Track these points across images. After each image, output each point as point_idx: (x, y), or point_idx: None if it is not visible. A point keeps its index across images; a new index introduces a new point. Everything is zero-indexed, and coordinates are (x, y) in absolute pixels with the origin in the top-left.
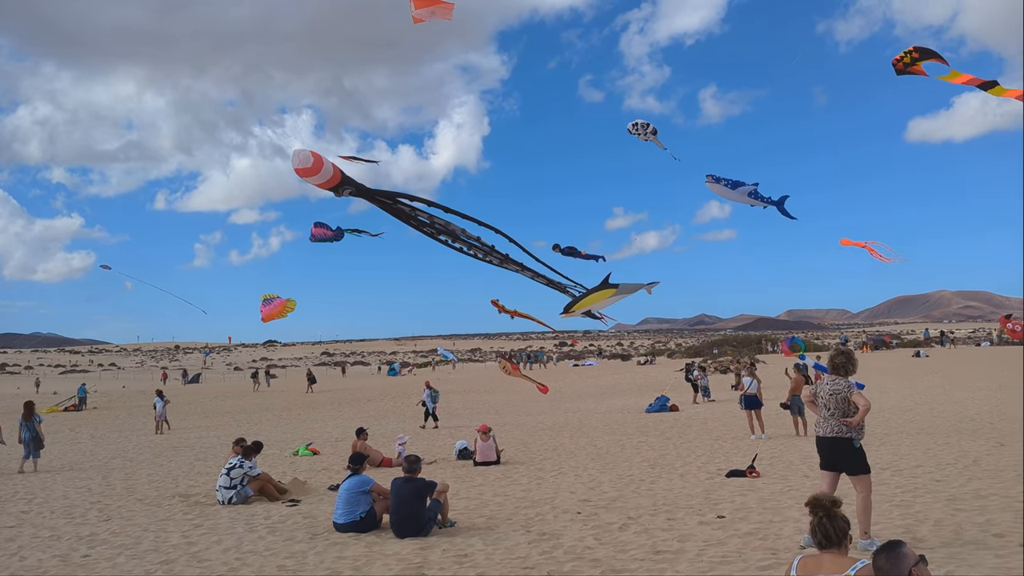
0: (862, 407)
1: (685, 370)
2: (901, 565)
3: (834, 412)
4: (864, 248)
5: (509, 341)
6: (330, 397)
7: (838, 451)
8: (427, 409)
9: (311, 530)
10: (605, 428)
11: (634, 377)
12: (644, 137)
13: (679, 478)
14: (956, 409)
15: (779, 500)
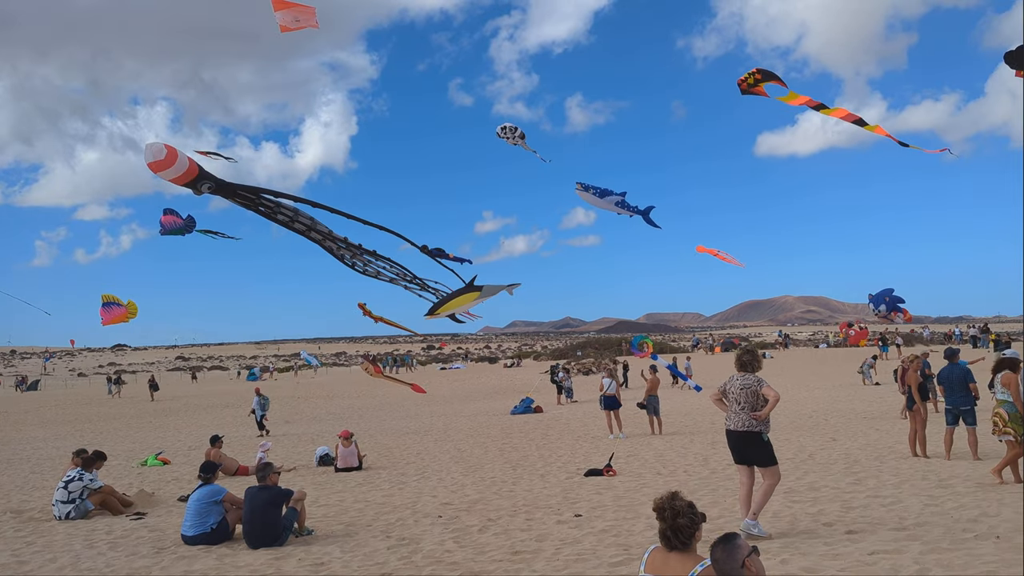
0: (772, 399)
1: (550, 372)
2: (736, 556)
3: (744, 406)
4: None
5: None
6: (184, 404)
7: (748, 444)
8: (256, 417)
9: (157, 544)
10: (470, 431)
11: (500, 379)
12: (513, 141)
13: (540, 479)
14: (795, 407)
15: (633, 497)
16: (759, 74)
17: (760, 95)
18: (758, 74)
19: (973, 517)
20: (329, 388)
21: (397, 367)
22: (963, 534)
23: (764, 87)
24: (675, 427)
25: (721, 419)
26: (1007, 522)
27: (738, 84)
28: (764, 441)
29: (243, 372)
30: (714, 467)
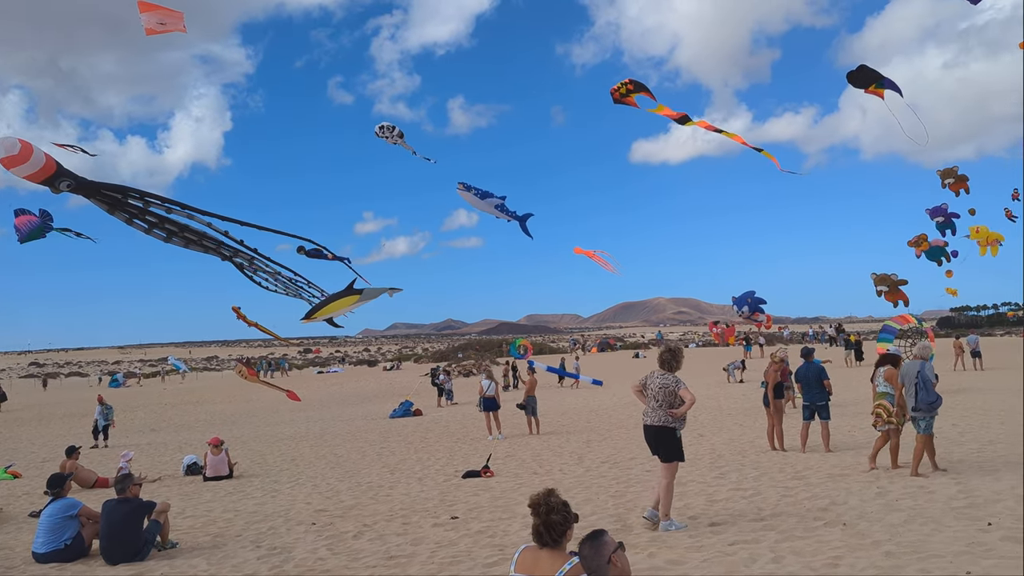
0: (688, 401)
1: (431, 374)
2: (602, 552)
3: (661, 403)
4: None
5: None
6: (37, 413)
7: (661, 439)
8: (96, 426)
9: (5, 563)
10: (348, 436)
11: (380, 383)
12: (392, 140)
13: (417, 482)
14: None
15: (510, 498)
16: (631, 84)
17: (631, 105)
18: (630, 84)
19: (823, 506)
20: (199, 394)
21: (272, 371)
22: (814, 522)
23: (635, 98)
24: (552, 427)
25: (596, 418)
26: (853, 510)
27: (611, 93)
28: (676, 438)
29: (105, 378)
30: (588, 465)
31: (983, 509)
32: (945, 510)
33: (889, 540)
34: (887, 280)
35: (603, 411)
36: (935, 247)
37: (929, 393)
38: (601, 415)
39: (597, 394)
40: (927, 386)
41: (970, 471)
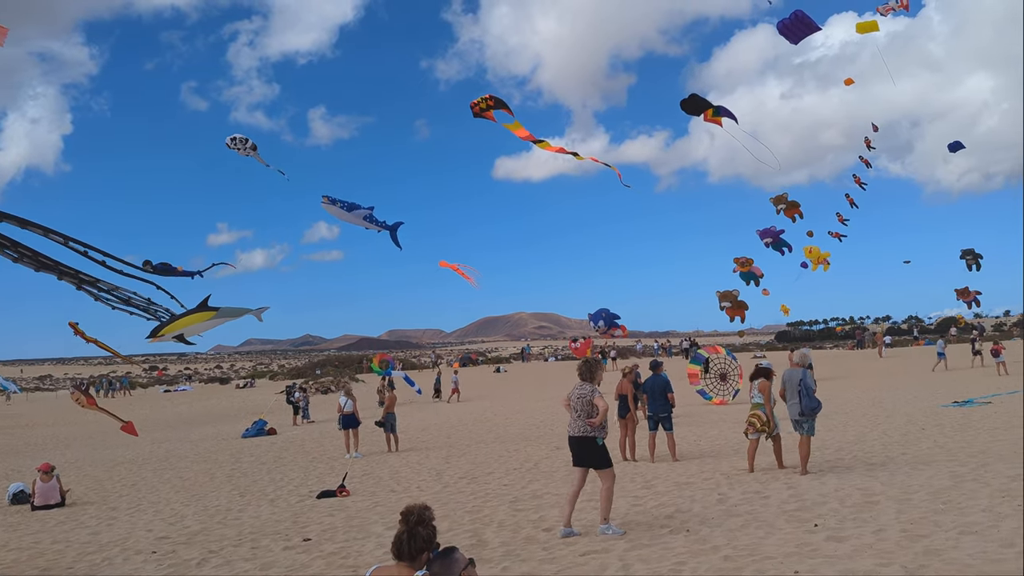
0: (601, 409)
1: (286, 392)
2: (453, 569)
3: (580, 414)
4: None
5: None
6: None
7: (585, 449)
8: None
9: None
10: (196, 457)
11: (232, 401)
12: (244, 152)
13: (269, 504)
14: (525, 418)
15: (366, 517)
16: (491, 100)
17: (489, 120)
18: (490, 100)
19: (669, 514)
20: (30, 416)
21: (113, 390)
22: (660, 530)
23: (493, 113)
24: (412, 443)
25: (456, 433)
26: (696, 516)
27: (471, 107)
28: (599, 445)
29: None
30: (447, 481)
31: (811, 511)
32: (778, 513)
33: (727, 544)
34: (729, 296)
35: (463, 426)
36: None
37: (811, 399)
38: (461, 430)
39: (457, 409)
40: (809, 392)
41: (802, 476)
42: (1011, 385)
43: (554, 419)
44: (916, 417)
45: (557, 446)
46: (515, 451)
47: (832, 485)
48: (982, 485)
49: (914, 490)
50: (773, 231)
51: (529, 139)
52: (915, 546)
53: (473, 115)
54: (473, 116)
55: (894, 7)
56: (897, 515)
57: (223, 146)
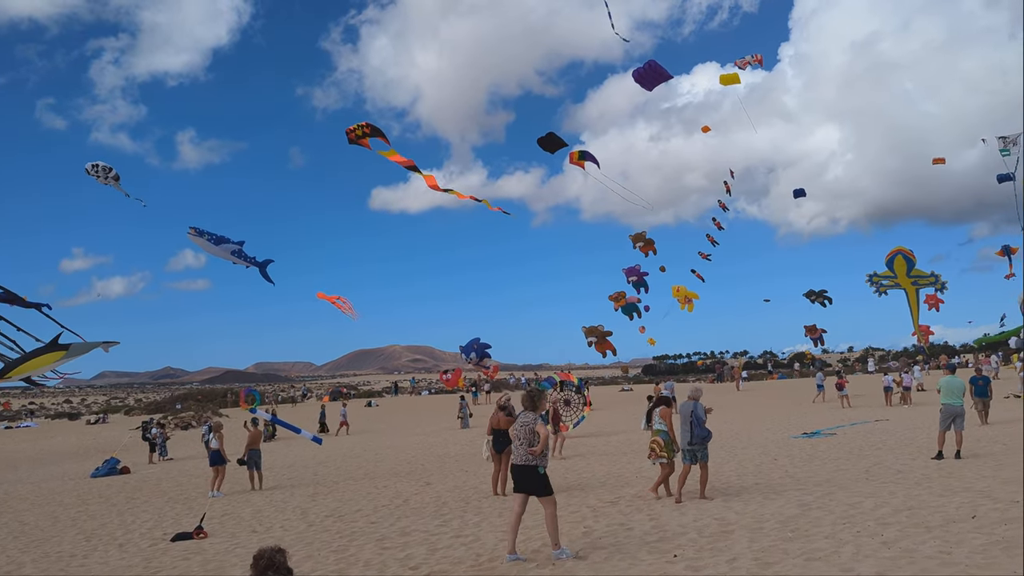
0: (542, 437)
1: (142, 428)
2: None
3: (523, 442)
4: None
5: None
6: None
7: (527, 477)
8: None
9: None
10: (37, 499)
11: (82, 438)
12: (104, 180)
13: (118, 548)
14: (396, 453)
15: (223, 559)
16: (367, 128)
17: (365, 147)
18: (367, 128)
19: (536, 548)
20: None
21: None
22: (527, 565)
23: (369, 141)
24: (277, 481)
25: (324, 469)
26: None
27: (346, 133)
28: (540, 474)
29: None
30: (312, 520)
31: (671, 542)
32: (640, 545)
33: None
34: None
35: (331, 462)
36: (630, 303)
37: (702, 428)
38: (329, 466)
39: (327, 444)
40: (699, 423)
41: (663, 507)
42: (854, 417)
43: (426, 454)
44: (769, 448)
45: (427, 482)
46: (384, 487)
47: (691, 515)
48: (826, 513)
49: (765, 519)
50: (637, 270)
51: (406, 164)
52: (765, 573)
53: (348, 141)
54: (348, 143)
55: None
56: (750, 544)
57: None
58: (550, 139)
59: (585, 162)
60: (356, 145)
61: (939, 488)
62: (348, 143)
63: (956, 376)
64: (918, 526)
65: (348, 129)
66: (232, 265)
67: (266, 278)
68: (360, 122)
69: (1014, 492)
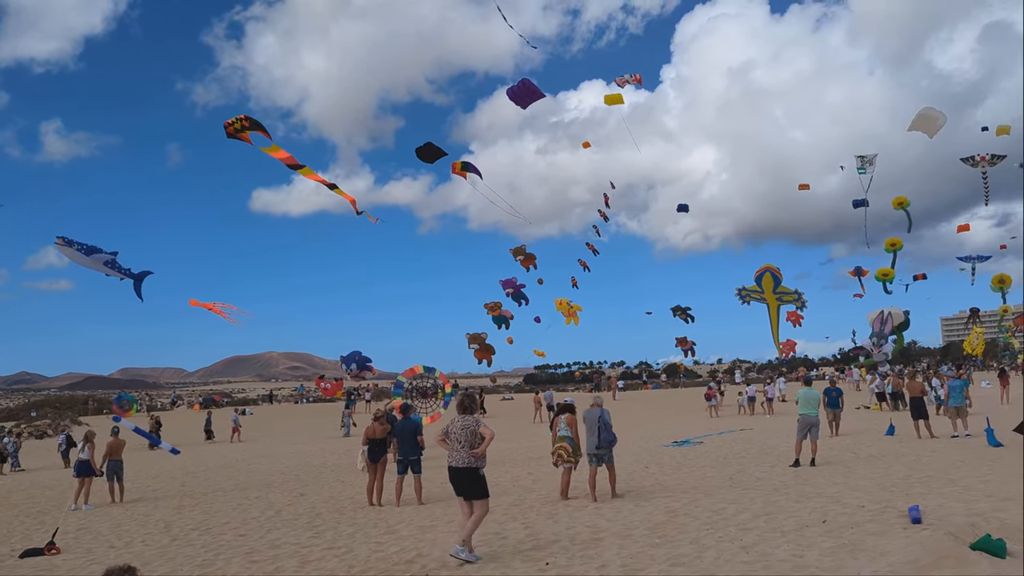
0: (487, 437)
1: None
2: None
3: (464, 444)
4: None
5: None
6: None
7: (467, 478)
8: None
9: None
10: None
11: None
12: None
13: None
14: (269, 463)
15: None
16: (247, 121)
17: (245, 141)
18: (245, 121)
19: (410, 559)
20: None
21: None
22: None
23: (250, 135)
24: (140, 493)
25: (192, 480)
26: (435, 560)
27: (224, 127)
28: (480, 476)
29: None
30: (176, 534)
31: (544, 550)
32: (514, 553)
33: None
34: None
35: (201, 473)
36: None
37: (609, 433)
38: (198, 477)
39: (198, 454)
40: (607, 427)
41: (538, 515)
42: (721, 426)
43: (301, 464)
44: (642, 456)
45: (301, 492)
46: (256, 498)
47: (564, 523)
48: (692, 519)
49: (635, 526)
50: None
51: (289, 161)
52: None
53: (227, 135)
54: (227, 136)
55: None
56: (619, 551)
57: None
58: (428, 149)
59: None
60: (236, 139)
61: (795, 494)
62: (227, 136)
63: (812, 388)
64: (775, 531)
65: (226, 122)
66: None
67: (138, 293)
68: (239, 115)
69: (861, 497)
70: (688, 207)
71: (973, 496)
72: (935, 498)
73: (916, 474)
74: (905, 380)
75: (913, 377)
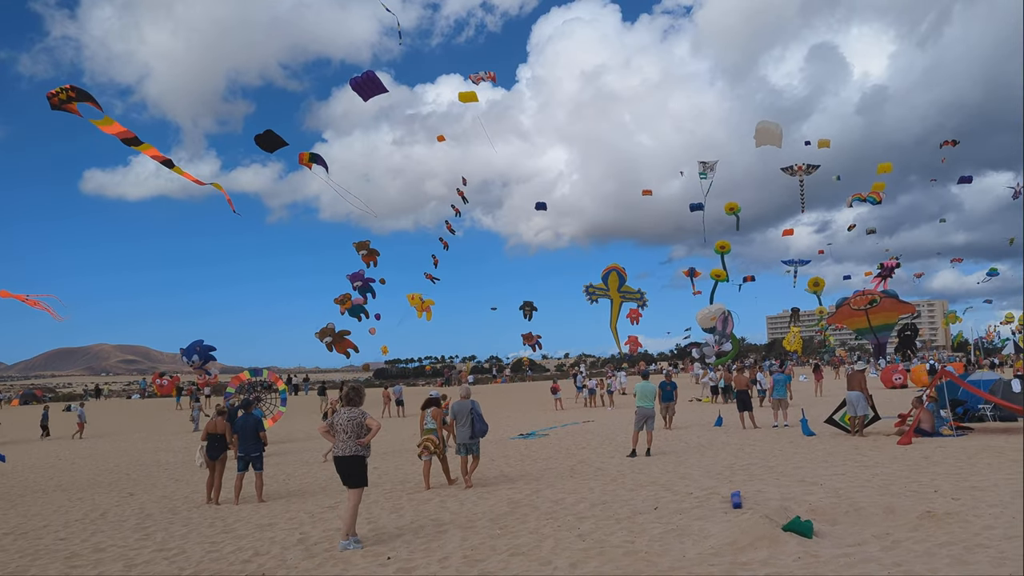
0: (374, 428)
1: None
2: None
3: (351, 435)
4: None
5: None
6: None
7: (352, 467)
8: None
9: None
10: None
11: None
12: None
13: None
14: (96, 462)
15: None
16: (72, 91)
17: (72, 112)
18: (72, 91)
19: (247, 558)
20: None
21: None
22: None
23: (77, 106)
24: None
25: (6, 482)
26: (275, 559)
27: (48, 97)
28: (364, 464)
29: None
30: None
31: (387, 544)
32: (355, 549)
33: None
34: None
35: (17, 473)
36: (356, 305)
37: (482, 423)
38: (13, 478)
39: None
40: (480, 418)
41: (382, 510)
42: (566, 419)
43: (132, 463)
44: (488, 448)
45: (131, 492)
46: (79, 500)
47: (408, 517)
48: (532, 509)
49: (478, 517)
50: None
51: (124, 136)
52: (472, 570)
53: (51, 106)
54: (51, 107)
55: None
56: (461, 542)
57: None
58: (268, 137)
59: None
60: (63, 112)
61: (630, 483)
62: (51, 108)
63: (649, 382)
64: (610, 518)
65: (50, 93)
66: None
67: None
68: (64, 85)
69: (689, 485)
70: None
71: (787, 482)
72: (755, 484)
73: (739, 462)
74: (734, 374)
75: (741, 371)
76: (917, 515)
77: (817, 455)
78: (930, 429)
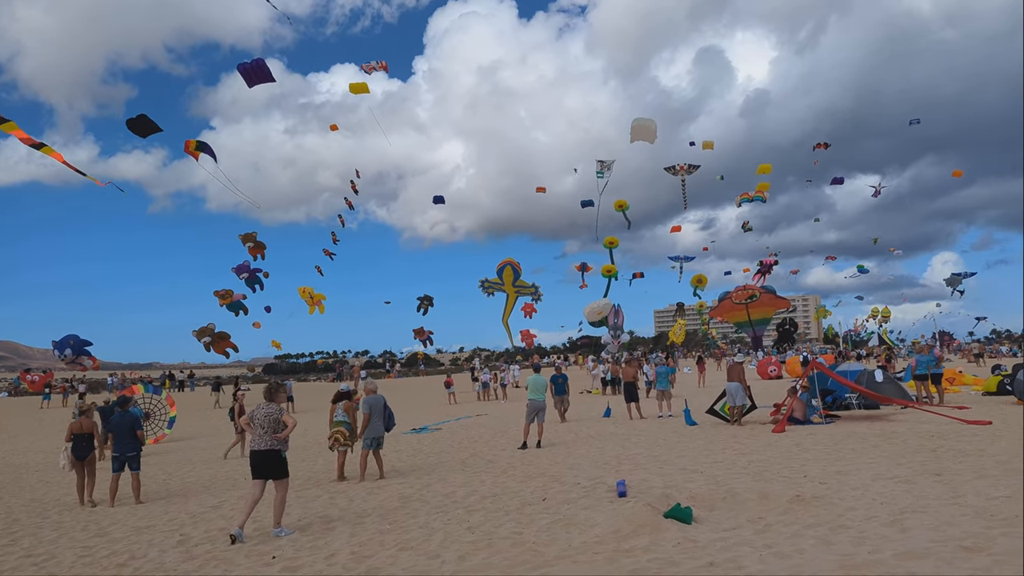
0: (291, 424)
1: None
2: None
3: (268, 430)
4: None
5: None
6: None
7: (269, 461)
8: None
9: None
10: None
11: None
12: None
13: None
14: None
15: None
16: None
17: None
18: None
19: (122, 562)
20: None
21: None
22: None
23: None
24: None
25: None
26: (152, 562)
27: None
28: (283, 458)
29: None
30: None
31: (271, 544)
32: (239, 550)
33: None
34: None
35: None
36: (236, 301)
37: (392, 419)
38: None
39: None
40: (390, 414)
41: (268, 507)
42: (459, 413)
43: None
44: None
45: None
46: None
47: (296, 515)
48: (423, 503)
49: (367, 513)
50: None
51: None
52: (359, 567)
53: None
54: None
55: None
56: (349, 539)
57: None
58: (141, 122)
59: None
60: None
61: (520, 475)
62: None
63: (540, 375)
64: (499, 510)
65: None
66: None
67: None
68: None
69: (577, 475)
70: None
71: (670, 470)
72: (640, 473)
73: (626, 452)
74: (622, 366)
75: (628, 364)
76: (788, 499)
77: (698, 444)
78: (802, 417)
